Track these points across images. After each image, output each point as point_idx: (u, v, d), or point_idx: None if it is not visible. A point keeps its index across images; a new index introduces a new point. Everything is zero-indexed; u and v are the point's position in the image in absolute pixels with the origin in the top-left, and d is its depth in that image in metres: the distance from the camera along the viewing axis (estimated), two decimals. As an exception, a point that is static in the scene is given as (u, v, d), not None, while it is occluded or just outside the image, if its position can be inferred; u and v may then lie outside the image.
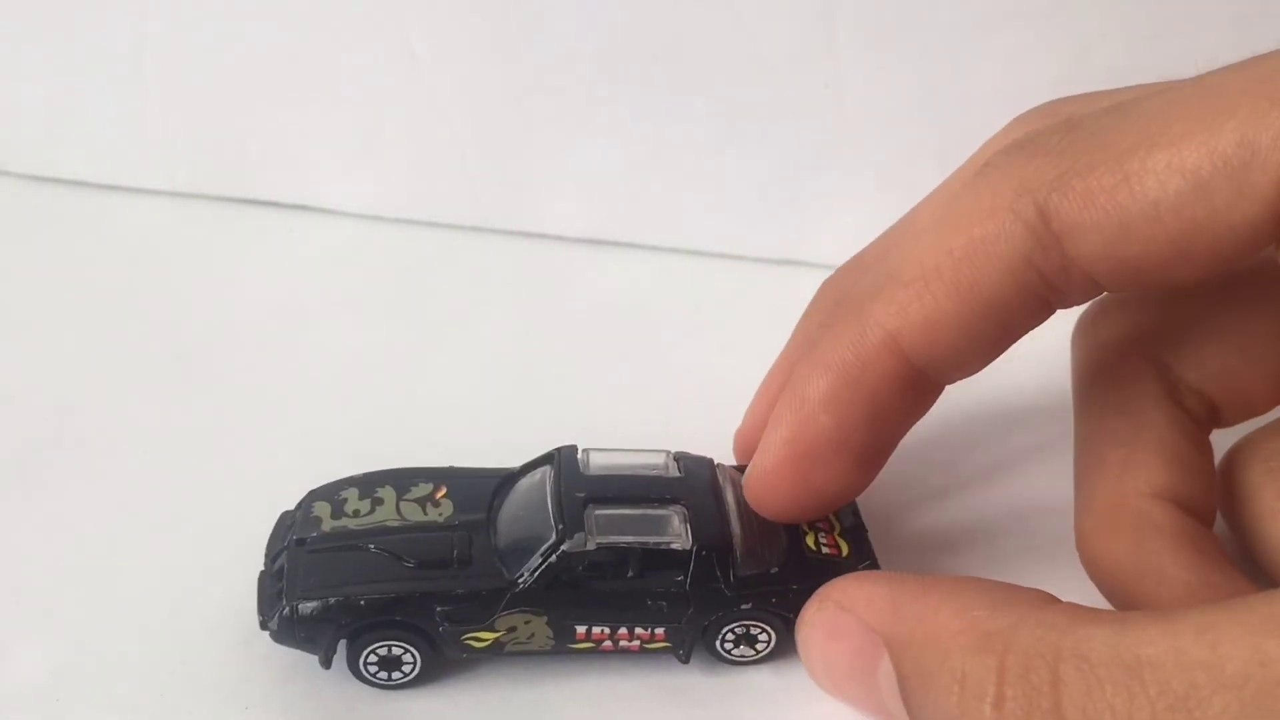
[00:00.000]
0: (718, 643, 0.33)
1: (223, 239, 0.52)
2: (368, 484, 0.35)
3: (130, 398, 0.43)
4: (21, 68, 0.53)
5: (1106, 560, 0.32)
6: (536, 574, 0.31)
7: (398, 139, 0.51)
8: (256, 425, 0.42)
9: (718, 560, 0.32)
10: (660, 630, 0.32)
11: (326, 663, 0.32)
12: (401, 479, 0.35)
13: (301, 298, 0.49)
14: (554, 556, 0.31)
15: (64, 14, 0.51)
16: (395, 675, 0.32)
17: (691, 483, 0.34)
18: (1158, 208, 0.26)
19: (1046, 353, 0.36)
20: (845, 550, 0.34)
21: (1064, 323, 0.35)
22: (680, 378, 0.44)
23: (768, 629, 0.33)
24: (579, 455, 0.34)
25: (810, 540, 0.34)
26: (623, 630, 0.32)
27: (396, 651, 0.32)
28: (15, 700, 0.32)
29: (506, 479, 0.35)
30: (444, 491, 0.34)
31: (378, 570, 0.32)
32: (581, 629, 0.32)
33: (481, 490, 0.34)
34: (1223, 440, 0.35)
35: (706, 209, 0.49)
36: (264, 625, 0.32)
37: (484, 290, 0.50)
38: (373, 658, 0.32)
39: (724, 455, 0.36)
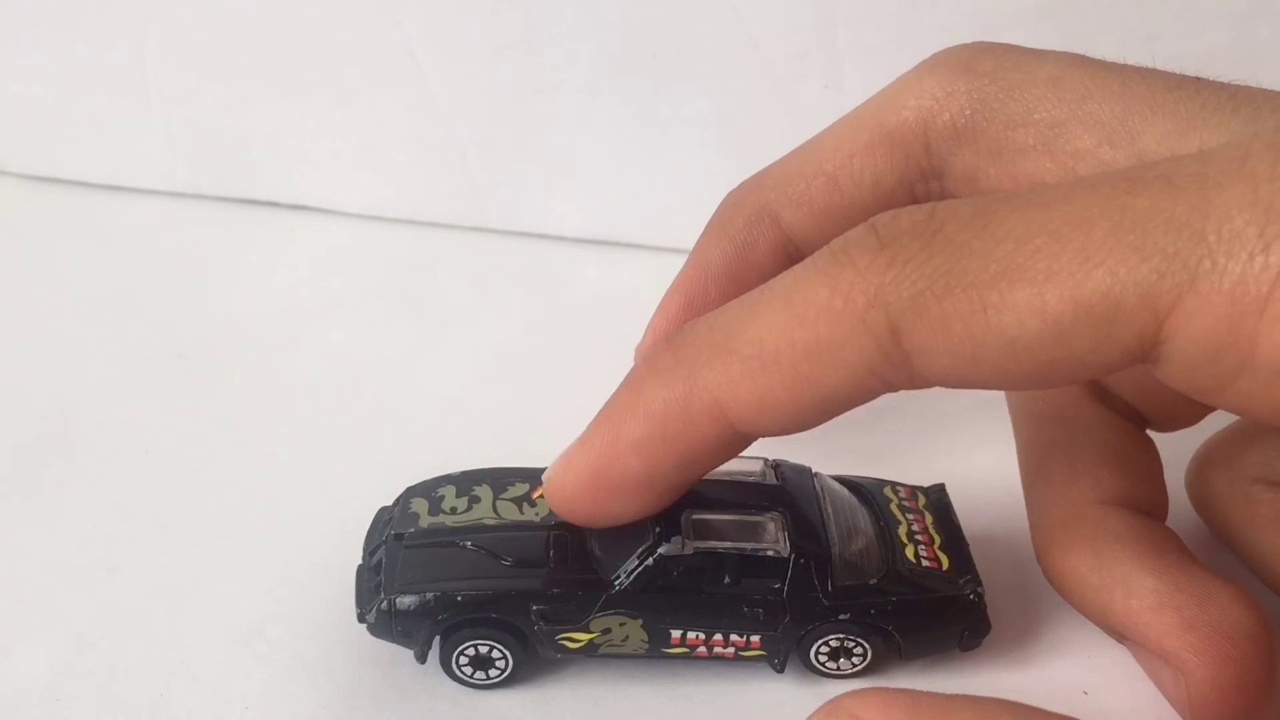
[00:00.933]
0: (812, 654, 0.33)
1: (223, 239, 0.52)
2: (465, 482, 0.34)
3: (131, 398, 0.43)
4: (21, 68, 0.53)
5: (1070, 576, 0.32)
6: (633, 576, 0.31)
7: (398, 139, 0.51)
8: (256, 425, 0.42)
9: (816, 569, 0.32)
10: (756, 638, 0.32)
11: (422, 657, 0.32)
12: (498, 478, 0.35)
13: (302, 298, 0.49)
14: (650, 559, 0.31)
15: (64, 14, 0.51)
16: (480, 675, 0.32)
17: (789, 490, 0.33)
18: (1014, 345, 0.25)
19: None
20: (945, 563, 0.33)
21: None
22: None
23: (863, 643, 0.32)
24: None
25: (910, 553, 0.33)
26: (718, 636, 0.32)
27: (494, 654, 0.32)
28: (15, 700, 0.32)
29: None
30: (540, 492, 0.34)
31: (475, 567, 0.32)
32: (677, 633, 0.32)
33: None
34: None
35: (706, 209, 0.48)
36: (361, 618, 0.32)
37: (484, 290, 0.50)
38: (465, 654, 0.32)
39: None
